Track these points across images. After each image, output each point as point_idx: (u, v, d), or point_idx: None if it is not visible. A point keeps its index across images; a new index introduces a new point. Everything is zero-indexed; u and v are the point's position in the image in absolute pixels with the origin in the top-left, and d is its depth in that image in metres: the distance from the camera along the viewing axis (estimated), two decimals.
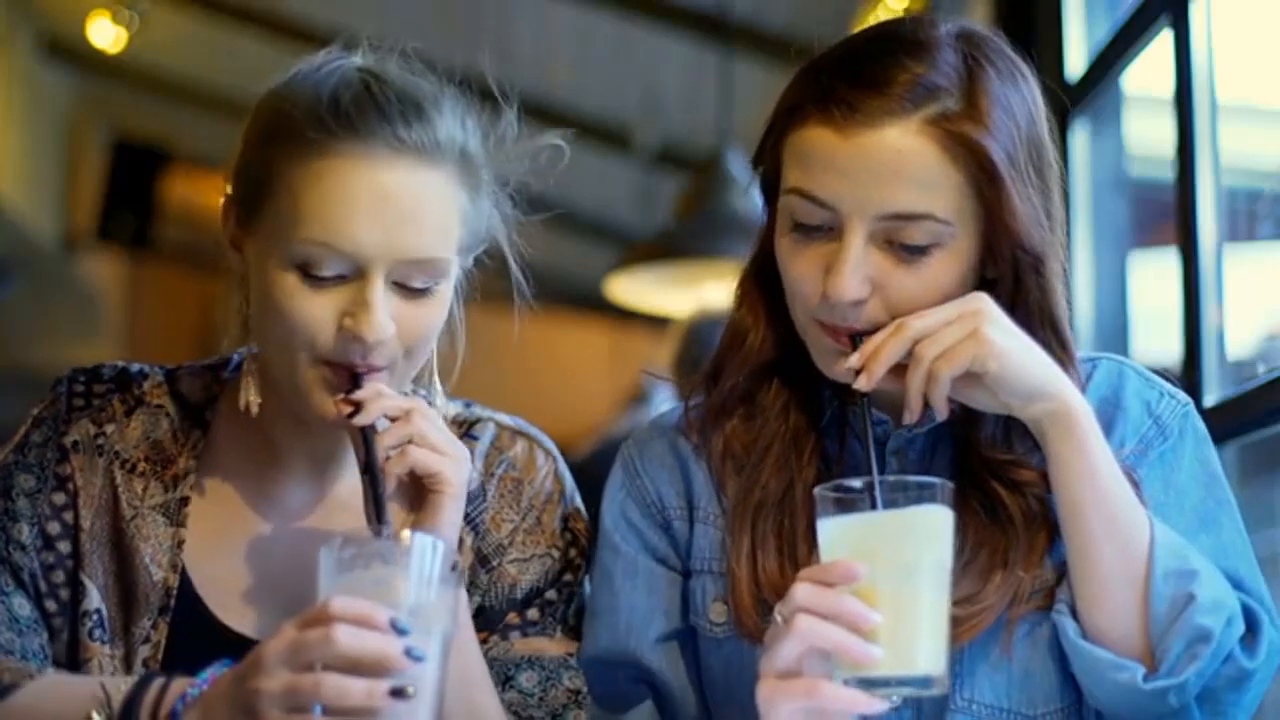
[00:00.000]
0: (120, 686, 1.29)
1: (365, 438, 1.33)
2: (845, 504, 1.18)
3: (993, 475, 1.37)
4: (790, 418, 1.43)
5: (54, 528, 1.44)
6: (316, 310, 1.34)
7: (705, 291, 4.31)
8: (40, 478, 1.45)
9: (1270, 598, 1.35)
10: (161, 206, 7.69)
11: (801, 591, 1.17)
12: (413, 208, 1.34)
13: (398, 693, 1.13)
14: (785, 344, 1.43)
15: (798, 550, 1.36)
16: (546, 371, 7.78)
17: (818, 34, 1.42)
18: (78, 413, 1.48)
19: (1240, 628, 1.29)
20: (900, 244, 1.31)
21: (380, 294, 1.33)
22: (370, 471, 1.32)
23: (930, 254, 1.31)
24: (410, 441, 1.33)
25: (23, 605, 1.41)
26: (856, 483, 1.19)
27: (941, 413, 1.30)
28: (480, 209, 1.42)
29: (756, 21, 4.83)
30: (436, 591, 1.18)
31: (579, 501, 1.56)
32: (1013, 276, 1.34)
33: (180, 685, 1.27)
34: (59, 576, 1.43)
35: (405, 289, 1.35)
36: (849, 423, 1.44)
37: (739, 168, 4.17)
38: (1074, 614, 1.31)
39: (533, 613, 1.49)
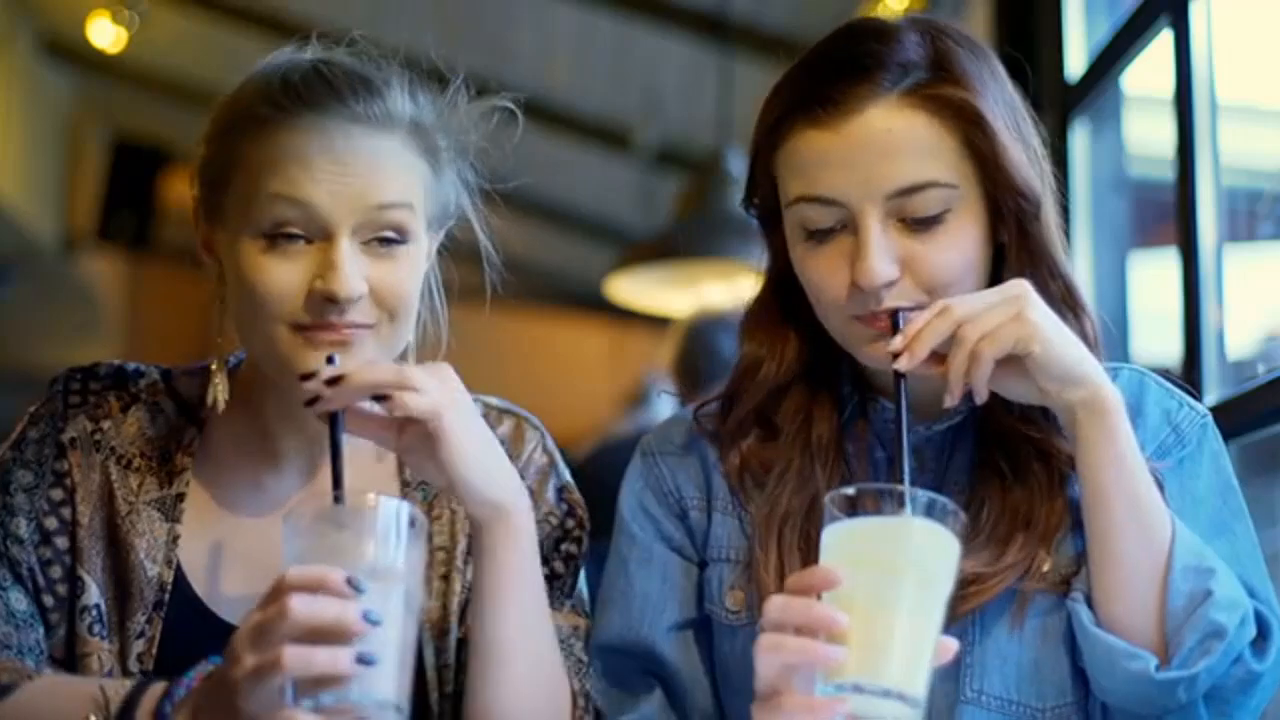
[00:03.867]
0: (119, 690, 1.29)
1: (334, 420, 1.31)
2: (840, 511, 1.17)
3: (1023, 441, 1.39)
4: (811, 429, 1.45)
5: (51, 523, 1.44)
6: (286, 276, 1.36)
7: (705, 291, 4.31)
8: (38, 474, 1.46)
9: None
10: (161, 206, 7.69)
11: (772, 605, 1.17)
12: (369, 167, 1.37)
13: (364, 660, 1.12)
14: (801, 361, 1.46)
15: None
16: (546, 371, 7.78)
17: (817, 34, 1.43)
18: (74, 410, 1.48)
19: (1252, 630, 1.30)
20: (914, 219, 1.34)
21: (347, 252, 1.35)
22: (333, 443, 1.30)
23: (945, 221, 1.34)
24: (388, 393, 1.30)
25: (19, 600, 1.41)
26: (852, 490, 1.18)
27: (981, 395, 1.30)
28: (443, 181, 1.46)
29: (756, 21, 4.83)
30: (394, 550, 1.17)
31: (569, 477, 1.56)
32: (1018, 229, 1.37)
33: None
34: (56, 572, 1.43)
35: (372, 250, 1.38)
36: (869, 419, 1.45)
37: (739, 168, 4.16)
38: (1089, 604, 1.32)
39: None
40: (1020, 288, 1.31)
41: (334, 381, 1.30)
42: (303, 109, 1.37)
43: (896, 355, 1.30)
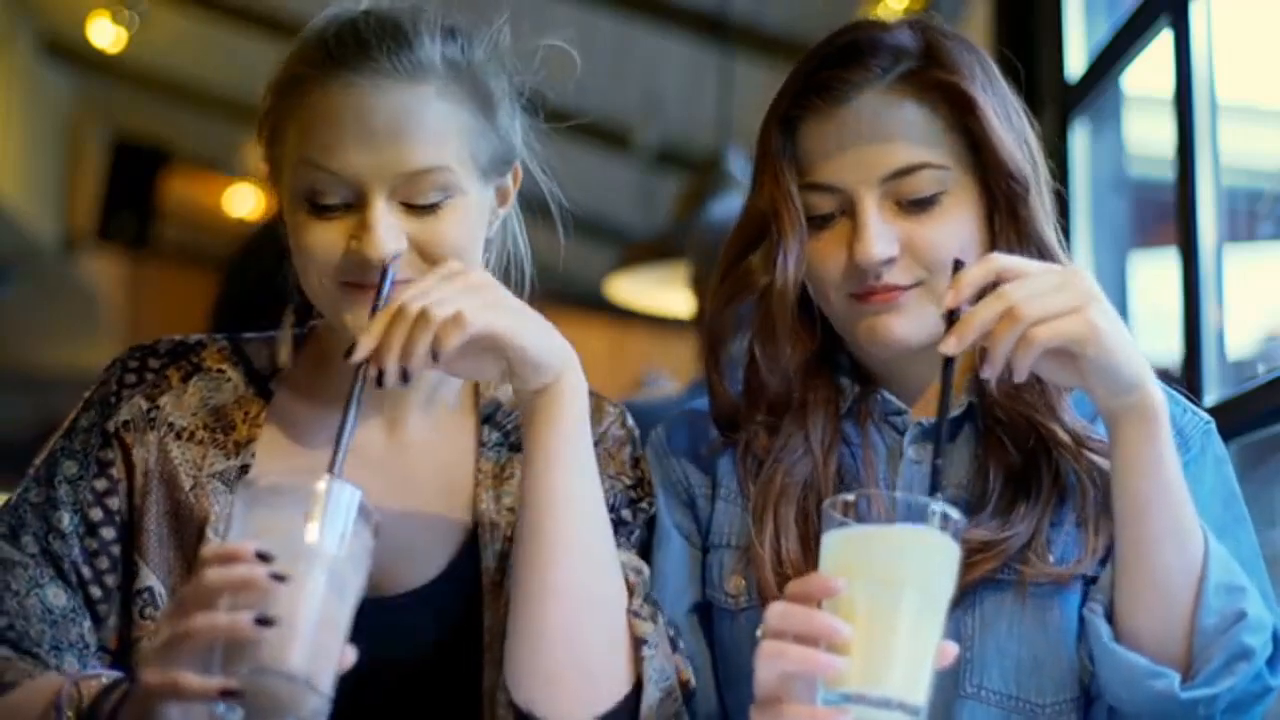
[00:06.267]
0: (92, 685, 1.27)
1: (356, 374, 1.29)
2: (841, 517, 1.16)
3: (1022, 420, 1.39)
4: (808, 413, 1.46)
5: (96, 514, 1.42)
6: (327, 239, 1.37)
7: None
8: (83, 464, 1.44)
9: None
10: (161, 206, 7.70)
11: (773, 612, 1.16)
12: (398, 125, 1.36)
13: (264, 620, 1.11)
14: (803, 356, 1.48)
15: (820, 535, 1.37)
16: None
17: (817, 34, 1.45)
18: (129, 389, 1.47)
19: (1270, 646, 1.29)
20: (909, 201, 1.37)
21: (381, 213, 1.35)
22: (347, 402, 1.27)
23: (940, 202, 1.38)
24: (456, 319, 1.27)
25: (58, 595, 1.40)
26: (852, 496, 1.17)
27: (1021, 376, 1.25)
28: (495, 124, 1.43)
29: (756, 21, 4.83)
30: (318, 528, 1.15)
31: (644, 452, 1.55)
32: (1009, 212, 1.39)
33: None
34: (104, 563, 1.41)
35: (411, 206, 1.37)
36: (869, 411, 1.47)
37: (739, 168, 4.16)
38: (1107, 615, 1.31)
39: None
40: (1083, 277, 1.26)
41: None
42: (334, 67, 1.37)
43: (949, 317, 1.25)
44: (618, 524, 1.47)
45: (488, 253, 1.49)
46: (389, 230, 1.35)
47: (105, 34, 5.63)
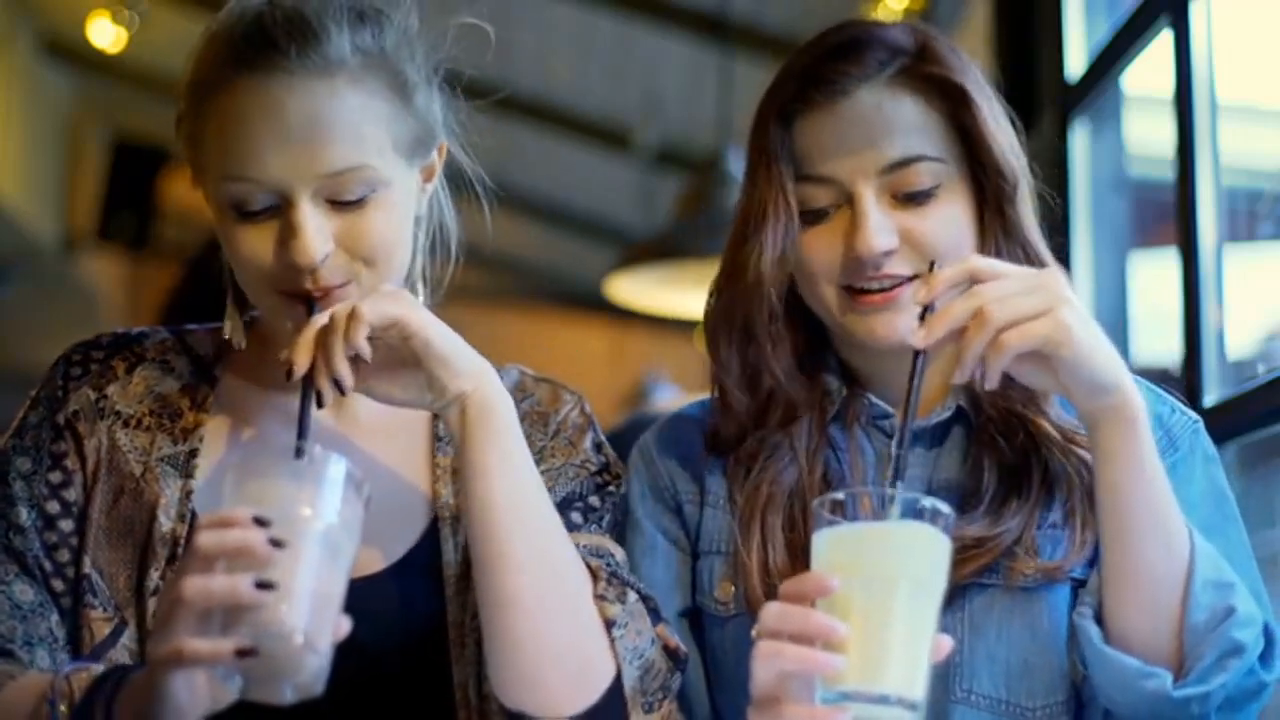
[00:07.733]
0: (84, 679, 1.27)
1: (304, 387, 1.31)
2: (831, 516, 1.16)
3: (1013, 417, 1.40)
4: (795, 419, 1.46)
5: (53, 507, 1.42)
6: (256, 244, 1.36)
7: (705, 292, 4.30)
8: (36, 459, 1.43)
9: (1271, 608, 1.36)
10: (161, 206, 7.70)
11: (768, 612, 1.16)
12: (315, 124, 1.33)
13: (264, 584, 1.10)
14: (792, 359, 1.47)
15: (808, 543, 1.36)
16: (546, 371, 7.77)
17: (817, 34, 1.46)
18: (75, 382, 1.47)
19: (1262, 642, 1.30)
20: (906, 194, 1.38)
21: (306, 217, 1.33)
22: (303, 397, 1.30)
23: (936, 195, 1.39)
24: (353, 314, 1.29)
25: (24, 591, 1.39)
26: (841, 495, 1.17)
27: (992, 382, 1.25)
28: (412, 107, 1.41)
29: (756, 21, 4.84)
30: (314, 496, 1.16)
31: (605, 439, 1.54)
32: (997, 209, 1.41)
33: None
34: (64, 555, 1.41)
35: (337, 204, 1.35)
36: (857, 414, 1.47)
37: (739, 168, 4.16)
38: (1096, 618, 1.31)
39: (575, 516, 1.46)
40: (1056, 280, 1.26)
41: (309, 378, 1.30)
42: (244, 70, 1.34)
43: (922, 315, 1.26)
44: (586, 510, 1.47)
45: (419, 229, 1.48)
46: (316, 233, 1.34)
47: (105, 34, 5.63)
